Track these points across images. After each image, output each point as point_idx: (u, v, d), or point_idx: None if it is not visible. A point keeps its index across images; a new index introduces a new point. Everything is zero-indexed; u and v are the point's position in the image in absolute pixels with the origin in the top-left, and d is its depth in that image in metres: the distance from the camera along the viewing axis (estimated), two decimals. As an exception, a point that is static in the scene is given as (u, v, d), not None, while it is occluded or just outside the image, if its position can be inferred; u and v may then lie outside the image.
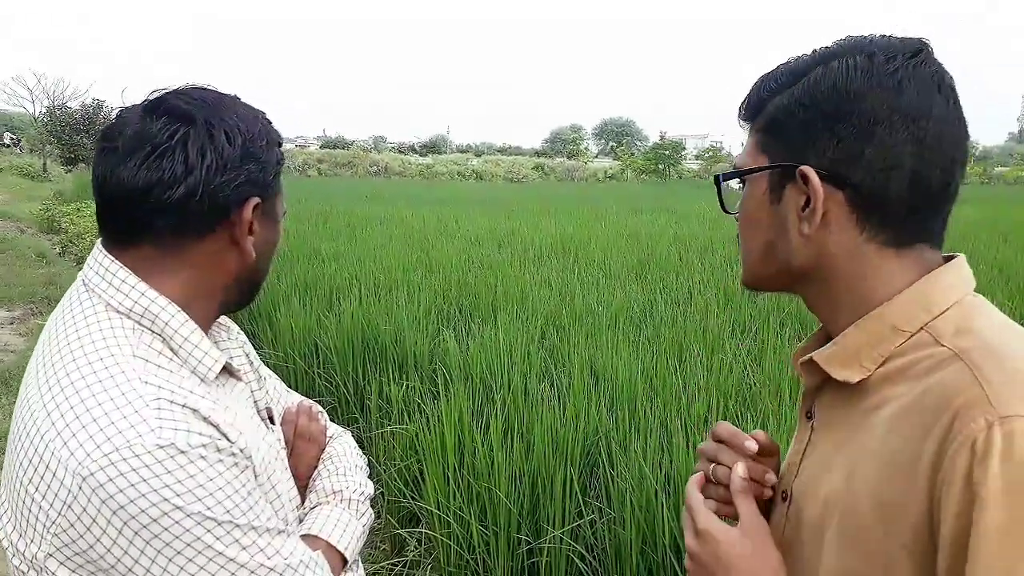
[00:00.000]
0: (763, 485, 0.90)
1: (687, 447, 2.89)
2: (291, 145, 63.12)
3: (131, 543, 0.81)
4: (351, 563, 1.09)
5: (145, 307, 0.92)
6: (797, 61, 0.83)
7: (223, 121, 0.93)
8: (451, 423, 3.21)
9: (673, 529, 2.59)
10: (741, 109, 0.88)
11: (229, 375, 1.02)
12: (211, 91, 0.98)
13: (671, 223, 13.01)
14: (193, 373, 0.93)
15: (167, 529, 0.81)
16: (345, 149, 54.17)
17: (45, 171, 29.76)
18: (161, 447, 0.81)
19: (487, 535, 2.86)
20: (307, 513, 1.11)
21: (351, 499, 1.14)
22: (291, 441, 1.17)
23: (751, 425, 3.41)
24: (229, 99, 0.98)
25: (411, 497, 3.30)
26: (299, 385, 4.69)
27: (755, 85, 0.86)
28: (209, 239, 0.94)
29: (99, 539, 0.81)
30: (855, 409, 0.80)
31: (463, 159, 53.13)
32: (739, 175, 0.87)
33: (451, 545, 2.91)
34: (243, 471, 0.89)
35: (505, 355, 4.24)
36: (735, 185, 0.91)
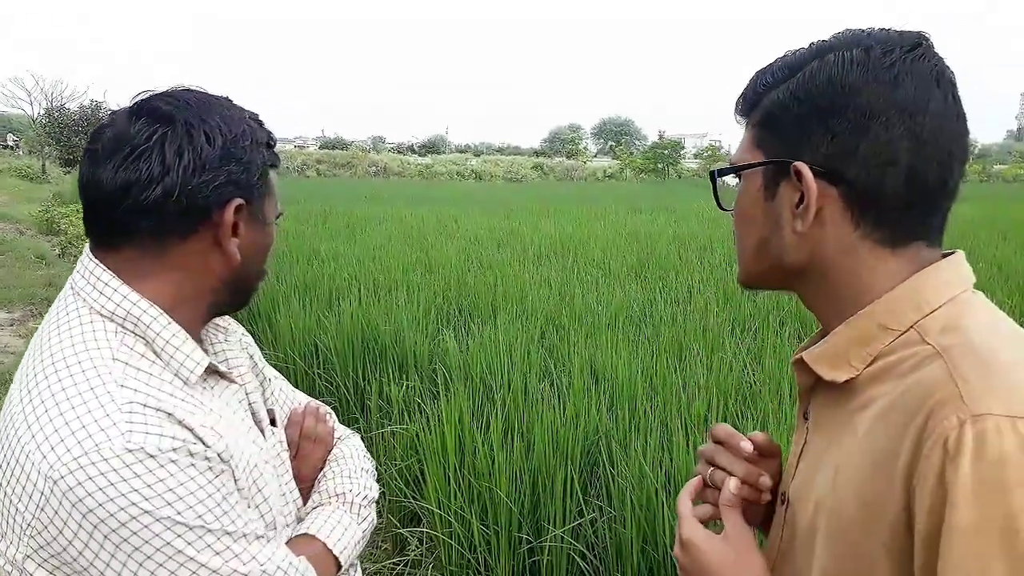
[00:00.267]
0: (758, 489, 0.90)
1: (687, 446, 2.90)
2: (290, 146, 63.13)
3: (102, 547, 0.81)
4: (347, 567, 1.08)
5: (127, 310, 0.91)
6: (794, 55, 0.82)
7: (203, 122, 0.92)
8: (451, 423, 3.21)
9: (674, 528, 2.59)
10: (737, 104, 0.87)
11: (220, 377, 1.01)
12: (197, 92, 0.97)
13: (670, 222, 13.01)
14: (176, 375, 0.93)
15: (136, 533, 0.81)
16: (344, 149, 54.13)
17: (44, 173, 29.72)
18: (130, 451, 0.81)
19: (488, 534, 2.86)
20: (307, 514, 1.10)
21: (353, 502, 1.13)
22: (296, 442, 1.16)
23: (751, 424, 3.42)
24: (215, 100, 0.97)
25: (412, 496, 3.30)
26: (299, 386, 4.69)
27: (751, 79, 0.85)
28: (192, 241, 0.94)
29: (71, 542, 0.81)
30: (844, 409, 0.79)
31: (462, 159, 53.11)
32: (734, 171, 0.86)
33: (452, 544, 2.91)
34: (218, 475, 0.88)
35: (505, 355, 4.24)
36: (731, 181, 0.90)
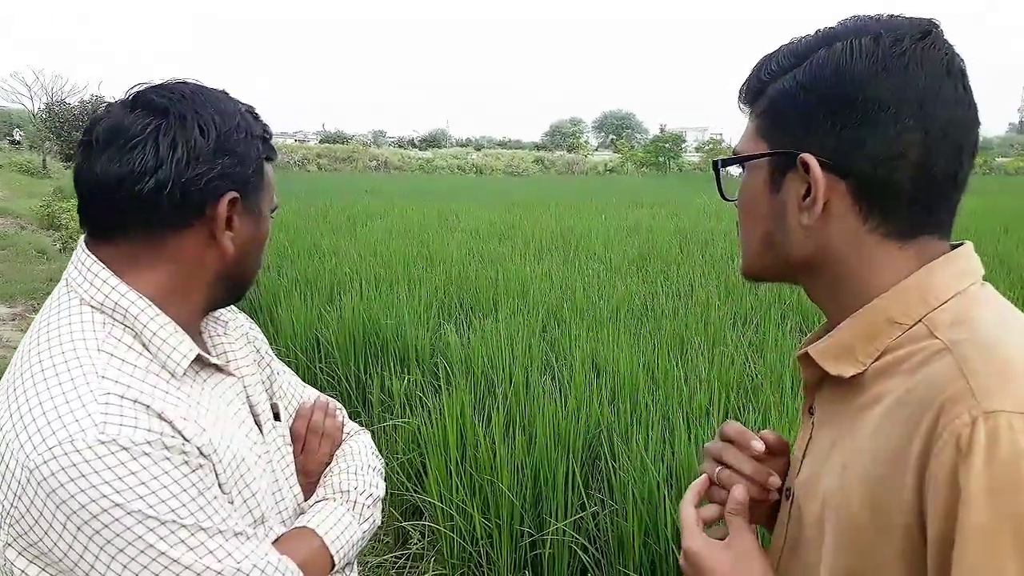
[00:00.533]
0: (767, 488, 0.88)
1: (689, 439, 2.90)
2: (290, 140, 62.96)
3: (75, 538, 0.81)
4: (342, 566, 1.06)
5: (116, 301, 0.91)
6: (799, 42, 0.79)
7: (197, 114, 0.92)
8: (453, 416, 3.21)
9: (675, 521, 2.59)
10: (741, 92, 0.84)
11: (217, 370, 1.01)
12: (192, 85, 0.96)
13: (672, 216, 13.00)
14: (163, 367, 0.92)
15: (107, 526, 0.80)
16: (345, 144, 54.07)
17: (45, 167, 29.70)
18: (102, 443, 0.81)
19: (490, 527, 2.86)
20: (309, 507, 1.09)
21: (357, 501, 1.11)
22: (303, 436, 1.15)
23: (752, 416, 3.42)
24: (210, 93, 0.97)
25: (414, 490, 3.31)
26: (301, 380, 4.69)
27: (755, 67, 0.82)
28: (186, 234, 0.93)
29: (46, 532, 0.81)
30: (851, 405, 0.77)
31: (463, 153, 53.01)
32: (738, 161, 0.84)
33: (454, 537, 2.91)
34: (194, 470, 0.87)
35: (506, 348, 4.25)
36: (735, 172, 0.88)
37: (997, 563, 0.61)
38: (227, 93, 0.99)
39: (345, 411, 1.25)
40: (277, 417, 1.11)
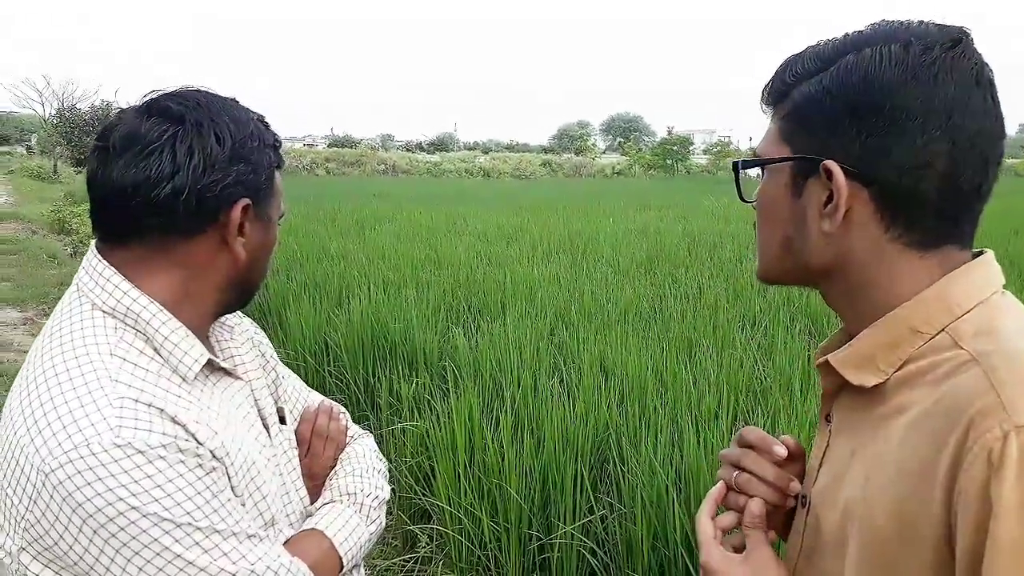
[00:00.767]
0: (787, 494, 0.87)
1: (698, 443, 2.89)
2: (299, 144, 63.21)
3: (91, 541, 0.82)
4: (350, 568, 1.07)
5: (128, 306, 0.92)
6: (826, 45, 0.78)
7: (213, 122, 0.93)
8: (461, 420, 3.21)
9: (684, 524, 2.59)
10: (764, 93, 0.83)
11: (225, 374, 1.02)
12: (206, 93, 0.98)
13: (680, 218, 12.97)
14: (175, 372, 0.93)
15: (123, 529, 0.81)
16: (353, 148, 54.20)
17: (55, 172, 29.90)
18: (118, 446, 0.82)
19: (498, 531, 2.86)
20: (317, 510, 1.10)
21: (364, 503, 1.13)
22: (308, 439, 1.16)
23: (761, 419, 3.41)
24: (223, 101, 0.98)
25: (422, 493, 3.31)
26: (309, 383, 4.67)
27: (780, 68, 0.81)
28: (199, 240, 0.95)
29: (62, 536, 0.82)
30: (872, 414, 0.76)
31: (471, 156, 53.11)
32: (759, 164, 0.83)
33: (462, 541, 2.91)
34: (208, 472, 0.88)
35: (514, 351, 4.25)
36: (753, 173, 0.87)
37: None
38: (237, 101, 1.01)
39: (348, 415, 1.26)
40: (283, 421, 1.12)
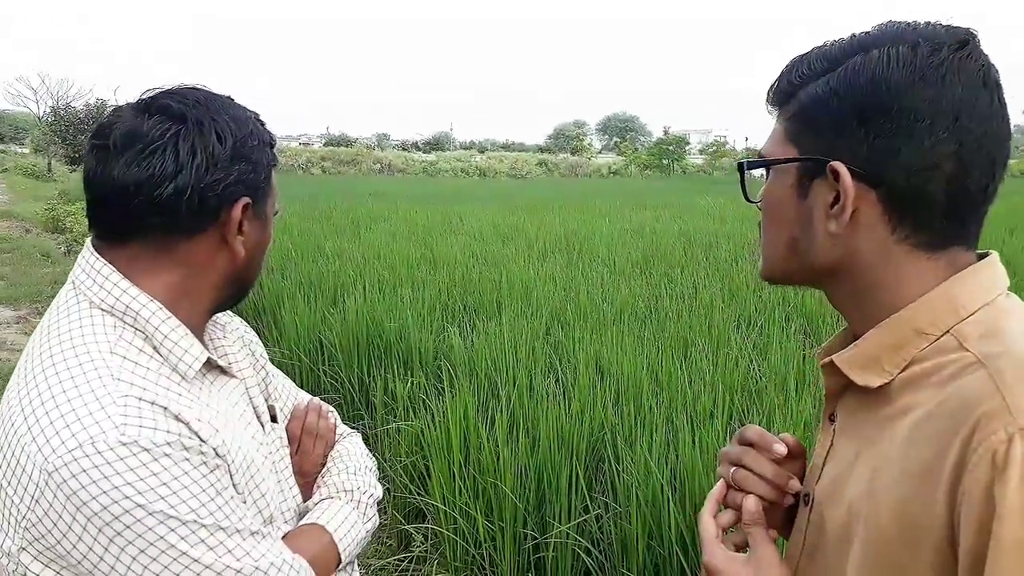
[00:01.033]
0: (787, 492, 0.88)
1: (693, 442, 2.89)
2: (295, 143, 63.20)
3: (95, 540, 0.81)
4: (345, 564, 1.08)
5: (127, 304, 0.92)
6: (832, 46, 0.78)
7: (214, 121, 0.93)
8: (456, 419, 3.21)
9: (679, 524, 2.59)
10: (769, 93, 0.82)
11: (221, 372, 1.02)
12: (204, 91, 0.98)
13: (675, 218, 12.98)
14: (174, 370, 0.93)
15: (129, 527, 0.81)
16: (349, 147, 54.19)
17: (50, 171, 29.84)
18: (124, 444, 0.81)
19: (493, 530, 2.86)
20: (315, 505, 1.10)
21: (360, 500, 1.13)
22: (297, 438, 1.16)
23: (757, 418, 3.41)
24: (221, 99, 0.98)
25: (417, 493, 3.31)
26: (304, 382, 4.70)
27: (786, 68, 0.81)
28: (199, 239, 0.94)
29: (65, 535, 0.81)
30: (876, 415, 0.77)
31: (467, 156, 53.15)
32: (765, 164, 0.83)
33: (457, 540, 2.91)
34: (212, 470, 0.88)
35: (510, 351, 4.24)
36: (757, 173, 0.87)
37: None
38: (232, 99, 1.01)
39: (338, 413, 1.27)
40: (274, 419, 1.12)
